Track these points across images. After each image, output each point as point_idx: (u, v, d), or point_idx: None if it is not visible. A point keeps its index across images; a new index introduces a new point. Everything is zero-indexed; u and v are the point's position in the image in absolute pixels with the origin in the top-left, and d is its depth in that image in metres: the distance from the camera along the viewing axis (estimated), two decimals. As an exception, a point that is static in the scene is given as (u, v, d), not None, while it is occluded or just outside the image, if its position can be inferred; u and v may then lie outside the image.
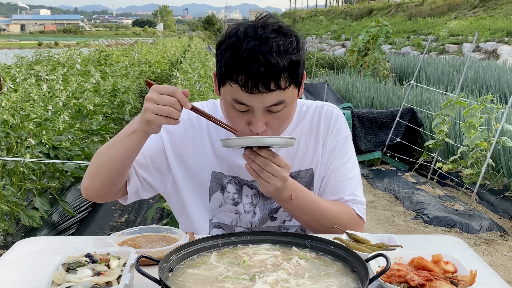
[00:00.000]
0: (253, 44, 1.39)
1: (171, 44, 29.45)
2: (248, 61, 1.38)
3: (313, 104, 1.72)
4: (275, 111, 1.46)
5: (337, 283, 1.14)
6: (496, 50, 19.54)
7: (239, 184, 1.66)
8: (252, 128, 1.46)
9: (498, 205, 5.34)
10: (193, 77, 6.85)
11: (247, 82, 1.39)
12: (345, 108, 7.91)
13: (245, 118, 1.47)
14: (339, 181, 1.66)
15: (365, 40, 11.98)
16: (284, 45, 1.40)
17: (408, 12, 37.60)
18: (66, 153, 4.47)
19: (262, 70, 1.37)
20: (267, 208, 1.67)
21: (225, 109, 1.51)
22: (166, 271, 1.16)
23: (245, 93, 1.41)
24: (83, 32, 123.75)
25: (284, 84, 1.42)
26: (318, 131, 1.67)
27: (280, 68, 1.39)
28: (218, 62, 1.47)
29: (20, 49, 34.90)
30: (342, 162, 1.67)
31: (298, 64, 1.44)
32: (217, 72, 1.49)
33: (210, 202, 1.67)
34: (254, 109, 1.44)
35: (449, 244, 1.55)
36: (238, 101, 1.44)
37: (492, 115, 5.07)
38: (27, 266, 1.35)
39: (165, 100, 1.36)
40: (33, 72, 8.96)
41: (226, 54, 1.42)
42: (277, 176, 1.45)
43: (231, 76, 1.42)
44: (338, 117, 1.70)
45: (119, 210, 5.14)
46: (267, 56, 1.38)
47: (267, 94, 1.41)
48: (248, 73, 1.38)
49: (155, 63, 15.28)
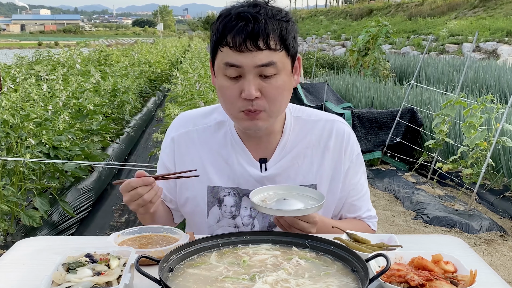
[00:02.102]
0: (241, 9, 1.42)
1: (171, 44, 29.42)
2: (236, 21, 1.40)
3: (324, 117, 1.69)
4: (267, 76, 1.43)
5: (337, 283, 1.14)
6: (496, 50, 19.53)
7: (238, 195, 1.64)
8: (245, 95, 1.43)
9: (498, 205, 5.34)
10: (193, 77, 6.84)
11: (235, 40, 1.39)
12: (345, 108, 7.91)
13: (237, 86, 1.44)
14: (355, 200, 1.70)
15: (365, 40, 11.98)
16: (272, 11, 1.43)
17: (408, 12, 37.59)
18: (66, 153, 4.46)
19: (250, 28, 1.38)
20: (266, 221, 1.65)
21: (218, 86, 1.50)
22: (166, 271, 1.16)
23: (235, 52, 1.40)
24: (83, 32, 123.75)
25: (274, 44, 1.41)
26: (326, 148, 1.65)
27: (268, 27, 1.39)
28: (211, 37, 1.48)
29: (20, 49, 34.89)
30: (356, 180, 1.69)
31: (287, 30, 1.44)
32: (210, 47, 1.50)
33: (208, 218, 1.66)
34: (245, 71, 1.41)
35: (449, 244, 1.55)
36: (229, 64, 1.42)
37: (492, 115, 5.07)
38: (27, 266, 1.35)
39: (132, 196, 1.46)
40: (33, 72, 8.95)
41: (216, 24, 1.44)
42: (305, 232, 1.48)
43: (221, 41, 1.42)
44: (349, 135, 1.68)
45: (119, 210, 5.14)
46: (255, 15, 1.39)
47: (257, 52, 1.40)
48: (236, 30, 1.39)
49: (155, 63, 15.26)
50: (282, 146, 1.63)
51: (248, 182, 1.61)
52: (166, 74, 15.20)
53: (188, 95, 5.59)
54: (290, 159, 1.62)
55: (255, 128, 1.50)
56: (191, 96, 5.30)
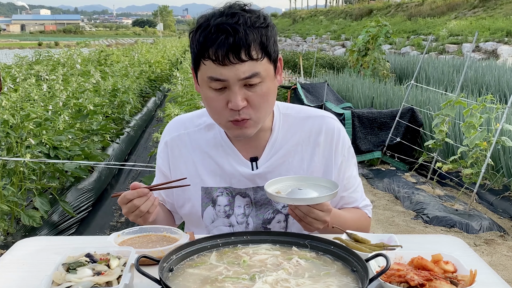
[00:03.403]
0: (220, 20, 1.40)
1: (171, 44, 29.44)
2: (216, 34, 1.38)
3: (313, 113, 1.70)
4: (252, 85, 1.43)
5: (337, 283, 1.14)
6: (496, 50, 19.51)
7: (231, 195, 1.65)
8: (232, 106, 1.44)
9: (498, 205, 5.34)
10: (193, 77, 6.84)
11: (217, 53, 1.38)
12: (345, 108, 7.90)
13: (223, 97, 1.45)
14: (351, 192, 1.73)
15: (365, 40, 11.96)
16: (251, 19, 1.41)
17: (408, 12, 37.56)
18: (66, 153, 4.47)
19: (231, 40, 1.37)
20: (260, 219, 1.66)
21: (204, 96, 1.50)
22: (166, 271, 1.16)
23: (218, 66, 1.40)
24: (83, 32, 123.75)
25: (255, 54, 1.41)
26: (316, 144, 1.66)
27: (249, 38, 1.39)
28: (191, 47, 1.47)
29: (20, 49, 34.90)
30: (350, 173, 1.72)
31: (267, 37, 1.43)
32: (192, 58, 1.49)
33: (204, 218, 1.67)
34: (230, 83, 1.42)
35: (449, 244, 1.55)
36: (213, 78, 1.42)
37: (492, 115, 5.07)
38: (27, 266, 1.35)
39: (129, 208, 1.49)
40: (33, 72, 8.96)
41: (196, 35, 1.43)
42: (320, 221, 1.48)
43: (203, 54, 1.41)
44: (340, 130, 1.69)
45: (119, 210, 5.14)
46: (235, 27, 1.38)
47: (240, 64, 1.39)
48: (217, 44, 1.38)
49: (155, 63, 15.27)
50: (271, 144, 1.63)
51: (240, 181, 1.63)
52: (166, 74, 15.21)
53: (188, 95, 5.59)
54: (280, 156, 1.63)
55: (244, 136, 1.53)
56: (191, 96, 5.31)
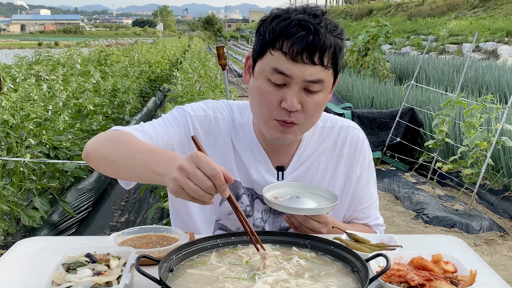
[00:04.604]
0: (302, 16, 1.36)
1: (171, 44, 29.42)
2: (297, 28, 1.34)
3: (338, 122, 1.66)
4: (312, 91, 1.39)
5: (337, 283, 1.14)
6: (496, 50, 19.51)
7: (251, 197, 1.62)
8: (286, 105, 1.38)
9: (498, 205, 5.34)
10: (193, 77, 6.85)
11: (293, 47, 1.33)
12: (345, 108, 7.90)
13: (279, 94, 1.39)
14: (364, 208, 1.70)
15: (365, 40, 11.96)
16: (331, 25, 1.38)
17: (408, 12, 37.57)
18: (66, 153, 4.46)
19: (310, 38, 1.33)
20: (276, 227, 1.64)
21: (257, 88, 1.42)
22: (166, 271, 1.15)
23: (288, 60, 1.35)
24: (83, 32, 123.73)
25: (327, 61, 1.37)
26: (340, 155, 1.64)
27: (327, 43, 1.35)
28: (260, 34, 1.40)
29: (20, 49, 34.88)
30: (367, 188, 1.70)
31: (341, 49, 1.40)
32: (257, 45, 1.42)
33: (221, 207, 1.62)
34: (292, 81, 1.37)
35: (449, 244, 1.55)
36: (277, 70, 1.36)
37: (492, 115, 5.07)
38: (27, 266, 1.35)
39: (200, 180, 1.12)
40: (33, 72, 8.95)
41: (272, 23, 1.37)
42: (315, 232, 1.46)
43: (274, 43, 1.36)
44: (363, 142, 1.67)
45: (119, 210, 5.14)
46: (317, 27, 1.34)
47: (310, 66, 1.35)
48: (295, 38, 1.33)
49: (155, 63, 15.27)
50: (299, 154, 1.61)
51: (261, 186, 1.58)
52: (166, 74, 15.20)
53: (188, 95, 5.59)
54: (306, 167, 1.61)
55: (284, 140, 1.47)
56: (191, 96, 5.31)
